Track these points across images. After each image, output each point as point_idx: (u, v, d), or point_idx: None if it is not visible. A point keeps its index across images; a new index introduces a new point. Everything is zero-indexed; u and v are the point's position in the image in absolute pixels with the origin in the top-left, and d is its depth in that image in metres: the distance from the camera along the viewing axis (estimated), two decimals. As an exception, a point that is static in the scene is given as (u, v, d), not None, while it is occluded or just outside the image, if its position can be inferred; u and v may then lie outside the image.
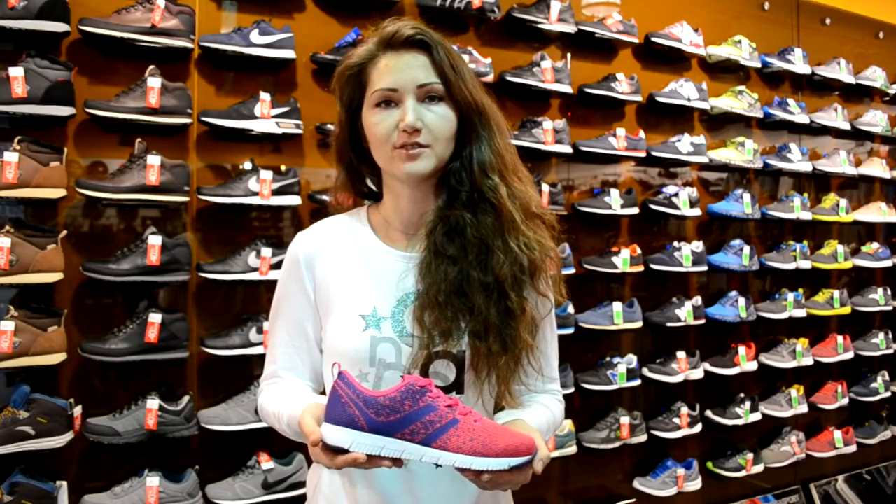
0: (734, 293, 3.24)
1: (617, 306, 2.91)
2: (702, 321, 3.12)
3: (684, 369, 3.06)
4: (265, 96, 2.30)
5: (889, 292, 3.83)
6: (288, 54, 2.35)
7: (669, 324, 3.03)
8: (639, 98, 3.02)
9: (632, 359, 2.95)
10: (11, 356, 1.91)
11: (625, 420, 2.92)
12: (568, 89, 2.83)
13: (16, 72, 1.94)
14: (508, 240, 1.12)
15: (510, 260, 1.11)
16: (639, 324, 2.97)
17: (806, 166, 3.51)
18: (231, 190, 2.26)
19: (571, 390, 2.81)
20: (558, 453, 2.75)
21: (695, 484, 3.12)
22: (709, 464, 3.24)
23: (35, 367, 1.97)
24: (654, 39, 3.08)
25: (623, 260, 2.92)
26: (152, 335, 2.10)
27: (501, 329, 1.10)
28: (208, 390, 2.30)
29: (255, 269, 2.26)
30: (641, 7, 3.14)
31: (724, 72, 3.40)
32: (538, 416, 1.15)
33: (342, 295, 1.17)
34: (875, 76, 3.84)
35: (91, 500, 2.05)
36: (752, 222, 3.45)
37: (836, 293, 3.59)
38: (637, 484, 3.05)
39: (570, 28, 2.86)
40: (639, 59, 3.17)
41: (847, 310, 3.64)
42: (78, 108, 2.07)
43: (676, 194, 3.08)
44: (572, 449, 2.81)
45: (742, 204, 3.26)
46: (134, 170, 2.11)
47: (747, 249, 3.24)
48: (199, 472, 2.19)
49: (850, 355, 3.67)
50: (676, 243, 3.10)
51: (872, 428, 3.81)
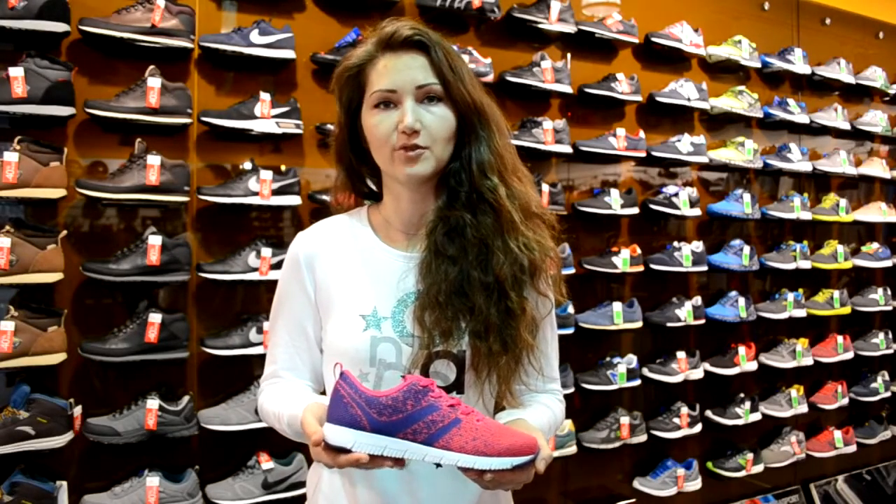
0: (734, 293, 3.24)
1: (617, 306, 2.90)
2: (702, 321, 3.12)
3: (684, 369, 3.06)
4: (265, 96, 2.30)
5: (889, 292, 3.83)
6: (288, 54, 2.35)
7: (669, 324, 3.03)
8: (639, 98, 3.02)
9: (632, 359, 2.95)
10: (11, 356, 1.91)
11: (625, 420, 2.92)
12: (568, 89, 2.83)
13: (16, 72, 1.94)
14: (508, 240, 1.12)
15: (510, 260, 1.11)
16: (639, 324, 2.97)
17: (806, 166, 3.51)
18: (231, 190, 2.26)
19: (571, 390, 2.81)
20: (558, 453, 2.75)
21: (695, 484, 3.12)
22: (709, 464, 3.24)
23: (35, 367, 1.97)
24: (654, 39, 3.08)
25: (623, 260, 2.92)
26: (152, 335, 2.10)
27: (502, 329, 1.10)
28: (208, 390, 2.30)
29: (255, 269, 2.26)
30: (641, 7, 3.14)
31: (724, 72, 3.40)
32: (539, 416, 1.15)
33: (342, 295, 1.17)
34: (875, 76, 3.84)
35: (91, 500, 2.05)
36: (752, 222, 3.45)
37: (836, 293, 3.59)
38: (637, 484, 3.05)
39: (570, 28, 2.86)
40: (639, 59, 3.17)
41: (847, 310, 3.63)
42: (78, 108, 2.07)
43: (676, 194, 3.08)
44: (572, 449, 2.81)
45: (742, 204, 3.26)
46: (134, 170, 2.11)
47: (747, 249, 3.24)
48: (199, 472, 2.19)
49: (850, 355, 3.67)
50: (676, 243, 3.10)
51: (872, 428, 3.81)
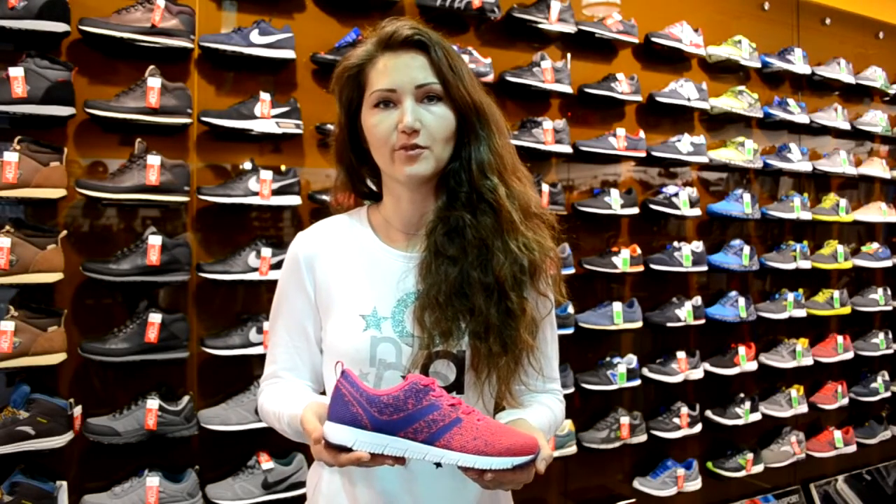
0: (734, 293, 3.24)
1: (617, 306, 2.90)
2: (702, 321, 3.12)
3: (684, 369, 3.06)
4: (265, 96, 2.30)
5: (889, 292, 3.83)
6: (288, 54, 2.35)
7: (669, 324, 3.03)
8: (639, 98, 3.02)
9: (632, 359, 2.95)
10: (11, 356, 1.91)
11: (625, 420, 2.92)
12: (568, 89, 2.83)
13: (16, 72, 1.94)
14: (508, 240, 1.11)
15: (510, 260, 1.11)
16: (639, 324, 2.97)
17: (806, 166, 3.51)
18: (231, 190, 2.26)
19: (571, 390, 2.81)
20: (558, 453, 2.75)
21: (695, 484, 3.12)
22: (709, 464, 3.24)
23: (35, 367, 1.97)
24: (654, 39, 3.08)
25: (623, 260, 2.92)
26: (152, 335, 2.10)
27: (502, 329, 1.10)
28: (208, 390, 2.30)
29: (255, 269, 2.26)
30: (641, 7, 3.14)
31: (724, 72, 3.40)
32: (540, 416, 1.15)
33: (342, 295, 1.17)
34: (875, 76, 3.84)
35: (91, 500, 2.05)
36: (752, 222, 3.45)
37: (836, 293, 3.59)
38: (637, 484, 3.05)
39: (570, 28, 2.86)
40: (639, 59, 3.17)
41: (847, 310, 3.63)
42: (78, 108, 2.07)
43: (676, 194, 3.08)
44: (572, 449, 2.81)
45: (742, 204, 3.26)
46: (134, 170, 2.11)
47: (747, 249, 3.24)
48: (199, 472, 2.19)
49: (850, 355, 3.67)
50: (676, 243, 3.10)
51: (872, 428, 3.81)
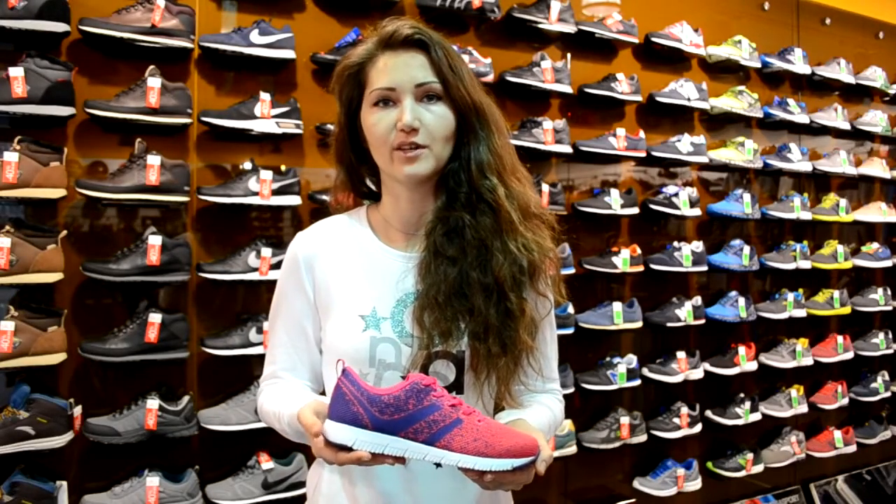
0: (734, 293, 3.24)
1: (617, 306, 2.90)
2: (702, 321, 3.11)
3: (684, 369, 3.06)
4: (265, 96, 2.30)
5: (889, 292, 3.83)
6: (288, 54, 2.35)
7: (669, 324, 3.03)
8: (639, 98, 3.02)
9: (632, 359, 2.95)
10: (11, 356, 1.91)
11: (625, 420, 2.92)
12: (568, 89, 2.83)
13: (16, 72, 1.94)
14: (507, 241, 1.11)
15: (509, 261, 1.11)
16: (639, 324, 2.97)
17: (806, 166, 3.51)
18: (231, 190, 2.26)
19: (571, 390, 2.81)
20: (558, 453, 2.75)
21: (695, 484, 3.12)
22: (709, 464, 3.24)
23: (35, 367, 1.97)
24: (654, 39, 3.08)
25: (623, 260, 2.92)
26: (152, 335, 2.10)
27: (501, 330, 1.10)
28: (208, 390, 2.30)
29: (255, 269, 2.26)
30: (641, 7, 3.14)
31: (724, 72, 3.40)
32: (540, 416, 1.15)
33: (342, 295, 1.17)
34: (875, 76, 3.84)
35: (91, 500, 2.05)
36: (752, 222, 3.44)
37: (836, 293, 3.59)
38: (637, 484, 3.05)
39: (570, 28, 2.86)
40: (639, 59, 3.17)
41: (847, 310, 3.63)
42: (78, 108, 2.07)
43: (676, 194, 3.08)
44: (572, 449, 2.81)
45: (742, 204, 3.26)
46: (134, 170, 2.11)
47: (747, 249, 3.24)
48: (199, 472, 2.19)
49: (850, 355, 3.67)
50: (676, 243, 3.10)
51: (872, 428, 3.81)
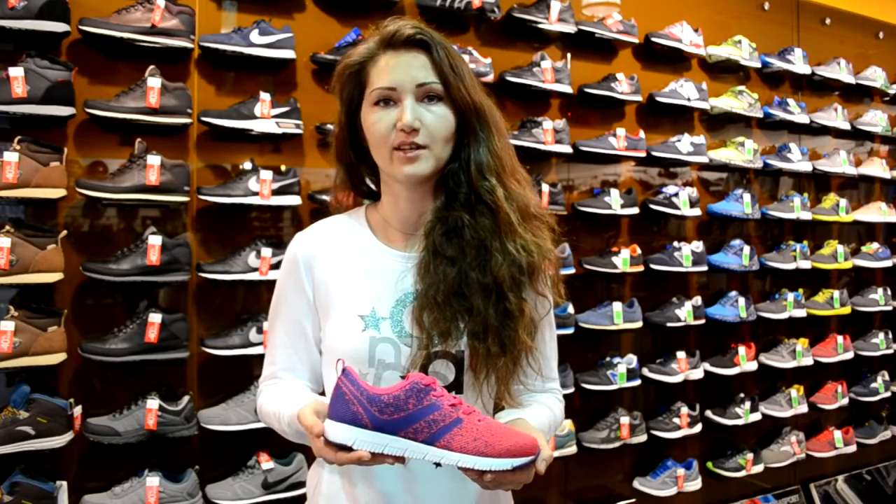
0: (734, 293, 3.24)
1: (617, 306, 2.90)
2: (702, 321, 3.11)
3: (684, 369, 3.06)
4: (265, 96, 2.30)
5: (889, 292, 3.83)
6: (288, 54, 2.35)
7: (669, 324, 3.03)
8: (639, 98, 3.02)
9: (632, 359, 2.95)
10: (11, 356, 1.91)
11: (625, 420, 2.92)
12: (568, 89, 2.83)
13: (16, 72, 1.94)
14: (506, 242, 1.11)
15: (508, 262, 1.11)
16: (639, 324, 2.97)
17: (806, 166, 3.51)
18: (231, 190, 2.26)
19: (571, 390, 2.81)
20: (558, 453, 2.75)
21: (695, 484, 3.12)
22: (709, 464, 3.24)
23: (35, 367, 1.97)
24: (654, 39, 3.08)
25: (623, 260, 2.92)
26: (152, 335, 2.10)
27: (500, 330, 1.10)
28: (208, 390, 2.30)
29: (255, 269, 2.26)
30: (641, 7, 3.14)
31: (724, 72, 3.40)
32: (539, 416, 1.15)
33: (341, 295, 1.17)
34: (875, 76, 3.84)
35: (91, 500, 2.05)
36: (752, 222, 3.44)
37: (836, 293, 3.59)
38: (637, 484, 3.05)
39: (570, 28, 2.86)
40: (639, 59, 3.17)
41: (847, 310, 3.63)
42: (78, 108, 2.07)
43: (676, 194, 3.08)
44: (572, 449, 2.81)
45: (742, 204, 3.26)
46: (134, 170, 2.11)
47: (747, 249, 3.24)
48: (199, 472, 2.19)
49: (850, 355, 3.67)
50: (676, 243, 3.10)
51: (872, 428, 3.81)
